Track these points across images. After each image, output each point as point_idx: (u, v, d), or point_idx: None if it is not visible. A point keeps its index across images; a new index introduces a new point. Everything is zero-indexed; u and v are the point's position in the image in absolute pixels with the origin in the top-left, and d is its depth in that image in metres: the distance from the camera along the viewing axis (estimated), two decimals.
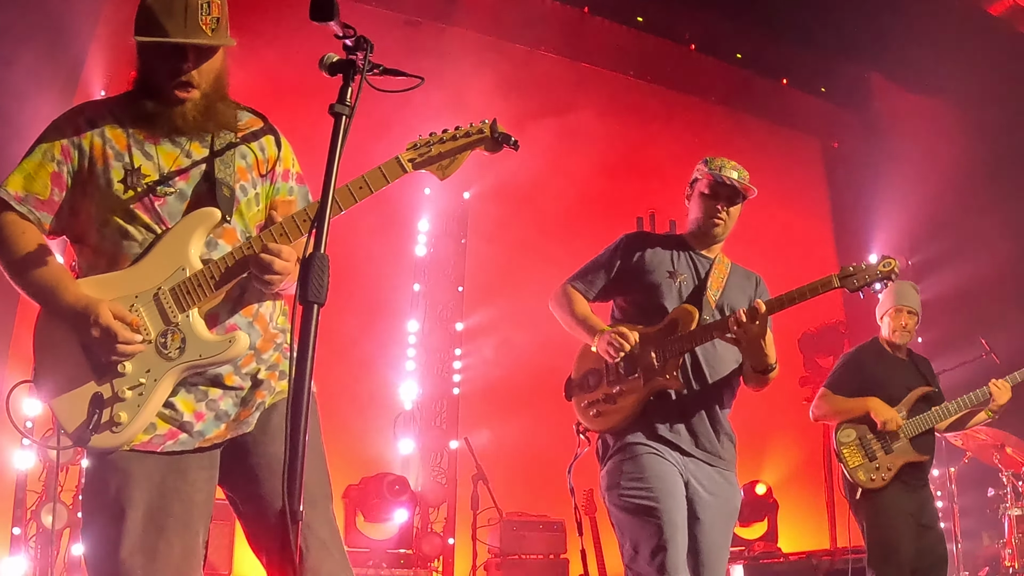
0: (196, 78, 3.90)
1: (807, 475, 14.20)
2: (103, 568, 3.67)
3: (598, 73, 15.25)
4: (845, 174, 18.16)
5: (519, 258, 12.85)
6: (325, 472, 4.10)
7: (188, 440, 3.81)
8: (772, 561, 10.04)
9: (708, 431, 5.57)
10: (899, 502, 7.65)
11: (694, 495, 5.42)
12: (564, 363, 6.07)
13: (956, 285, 14.43)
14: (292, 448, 3.05)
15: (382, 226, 12.05)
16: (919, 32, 14.09)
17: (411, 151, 3.99)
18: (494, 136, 4.01)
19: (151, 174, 3.86)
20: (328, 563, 3.90)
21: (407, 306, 12.73)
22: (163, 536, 3.69)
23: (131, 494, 3.68)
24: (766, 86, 16.76)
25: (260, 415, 3.98)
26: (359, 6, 12.11)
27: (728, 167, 5.72)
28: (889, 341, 8.26)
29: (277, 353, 4.10)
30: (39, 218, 3.82)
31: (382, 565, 8.91)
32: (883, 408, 7.72)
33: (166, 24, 3.76)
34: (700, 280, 5.77)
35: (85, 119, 3.92)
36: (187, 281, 3.77)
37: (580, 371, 5.83)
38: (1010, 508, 10.98)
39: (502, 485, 10.11)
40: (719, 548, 5.48)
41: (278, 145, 4.26)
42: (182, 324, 3.77)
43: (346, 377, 11.45)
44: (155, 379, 3.73)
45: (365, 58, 3.44)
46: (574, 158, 13.45)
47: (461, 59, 12.48)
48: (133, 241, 3.82)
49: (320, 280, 3.16)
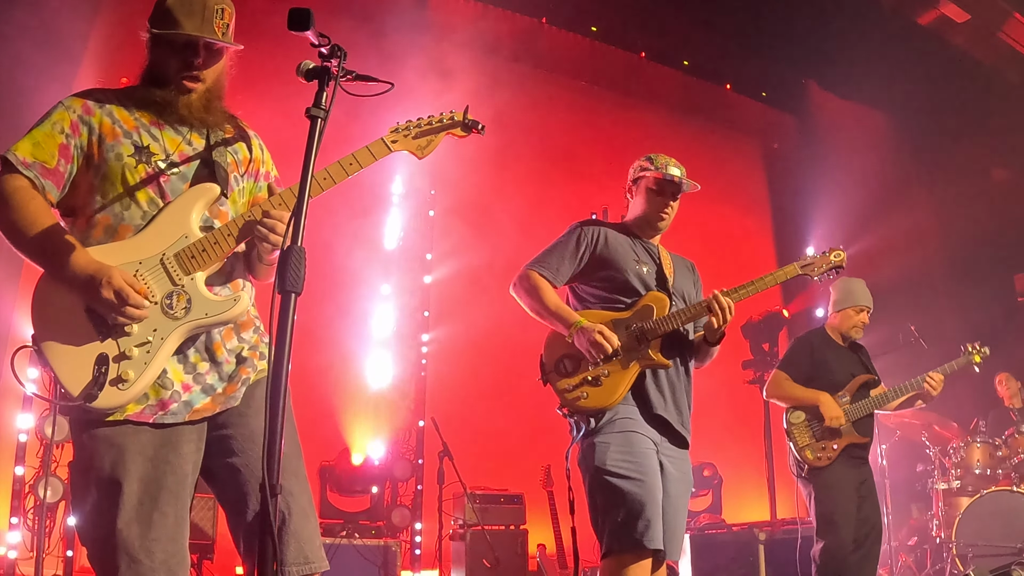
0: (203, 73, 3.99)
1: (749, 452, 14.27)
2: (100, 539, 3.67)
3: (554, 79, 15.29)
4: (784, 173, 18.35)
5: (482, 255, 12.89)
6: (300, 446, 4.11)
7: (179, 411, 3.81)
8: (717, 532, 10.08)
9: (685, 408, 5.62)
10: (843, 478, 7.75)
11: (664, 471, 5.42)
12: (521, 351, 6.08)
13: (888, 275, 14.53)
14: (271, 427, 3.07)
15: (353, 215, 12.11)
16: (852, 42, 14.20)
17: (393, 133, 4.15)
18: (465, 122, 4.24)
19: (158, 153, 3.90)
20: (307, 528, 3.93)
21: (377, 298, 12.73)
22: (157, 507, 3.71)
23: (126, 467, 3.69)
24: (711, 91, 16.94)
25: (245, 391, 4.01)
26: (332, 18, 12.11)
27: (671, 164, 5.74)
28: (843, 333, 8.34)
29: (256, 335, 4.15)
30: (43, 185, 3.78)
31: (355, 535, 8.92)
32: (831, 406, 7.81)
33: (184, 21, 3.86)
34: (657, 268, 5.78)
35: (94, 99, 3.95)
36: (191, 247, 3.81)
37: (553, 356, 5.69)
38: (937, 482, 11.10)
39: (466, 461, 10.13)
40: (681, 519, 5.53)
41: (260, 149, 4.33)
42: (188, 286, 3.80)
43: (321, 361, 11.48)
44: (162, 337, 3.75)
45: (339, 65, 3.49)
46: (531, 156, 13.60)
47: (427, 65, 12.51)
48: (136, 213, 3.84)
49: (297, 271, 3.19)
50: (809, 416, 7.91)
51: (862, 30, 14.06)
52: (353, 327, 12.38)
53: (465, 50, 13.42)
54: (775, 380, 8.23)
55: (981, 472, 10.56)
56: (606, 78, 15.98)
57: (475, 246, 13.19)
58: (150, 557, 3.65)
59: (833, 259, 5.59)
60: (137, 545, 3.63)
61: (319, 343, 11.37)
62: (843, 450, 7.77)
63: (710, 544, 9.71)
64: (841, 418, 7.76)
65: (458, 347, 13.00)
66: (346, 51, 3.50)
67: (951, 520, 10.22)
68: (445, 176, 13.01)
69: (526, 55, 14.93)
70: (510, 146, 12.84)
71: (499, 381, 12.10)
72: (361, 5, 13.02)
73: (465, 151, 12.43)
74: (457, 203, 13.32)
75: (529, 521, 10.05)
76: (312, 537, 3.96)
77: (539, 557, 9.99)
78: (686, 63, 16.39)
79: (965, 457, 10.72)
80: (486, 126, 4.26)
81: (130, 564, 3.62)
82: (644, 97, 16.09)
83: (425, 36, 13.51)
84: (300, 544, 3.87)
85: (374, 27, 12.68)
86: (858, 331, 8.33)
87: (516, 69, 14.64)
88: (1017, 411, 12.19)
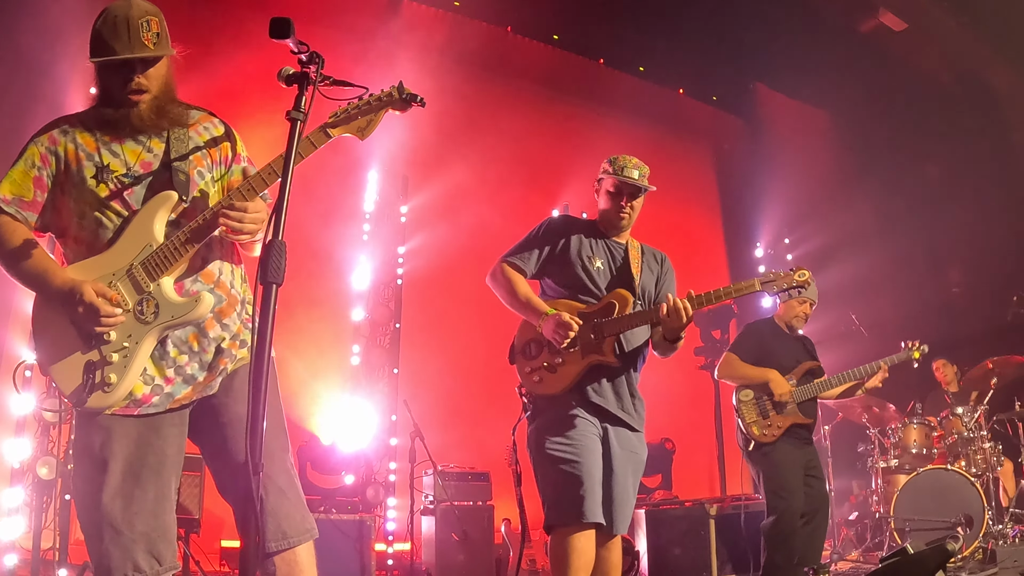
0: (145, 83, 4.02)
1: (701, 433, 14.36)
2: (89, 511, 3.81)
3: (519, 84, 15.32)
4: (733, 172, 18.45)
5: (454, 252, 12.94)
6: (283, 428, 4.20)
7: (160, 402, 3.93)
8: (670, 507, 10.10)
9: (627, 395, 5.64)
10: (790, 456, 7.83)
11: (609, 450, 5.49)
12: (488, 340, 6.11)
13: (830, 266, 14.64)
14: (253, 412, 3.13)
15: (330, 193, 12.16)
16: (798, 49, 14.32)
17: (332, 118, 4.08)
18: (402, 96, 4.11)
19: (119, 169, 3.98)
20: (284, 505, 4.03)
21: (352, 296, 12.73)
22: (139, 484, 3.84)
23: (112, 449, 3.83)
24: (665, 96, 16.99)
25: (223, 380, 4.10)
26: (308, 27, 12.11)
27: (630, 166, 5.75)
28: (787, 323, 8.42)
29: (239, 323, 4.19)
30: (25, 217, 3.95)
31: (332, 510, 8.94)
32: (780, 382, 7.90)
33: (114, 44, 3.90)
34: (619, 265, 5.82)
35: (59, 130, 4.04)
36: (154, 254, 3.89)
37: (522, 340, 5.81)
38: (876, 461, 11.17)
39: (436, 441, 10.16)
40: (628, 496, 5.56)
41: (228, 135, 4.35)
42: (154, 291, 3.89)
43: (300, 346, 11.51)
44: (136, 342, 3.86)
45: (317, 71, 3.52)
46: (500, 156, 13.63)
47: (400, 72, 12.52)
48: (107, 228, 3.94)
49: (278, 263, 3.24)
50: (757, 394, 7.99)
51: (807, 38, 14.16)
52: (328, 324, 12.40)
53: (435, 57, 13.46)
54: (726, 361, 8.29)
55: (917, 451, 10.64)
56: (567, 83, 16.08)
57: (445, 239, 13.25)
58: (131, 529, 3.78)
59: (797, 278, 5.49)
60: (120, 518, 3.78)
61: (298, 331, 11.39)
62: (788, 429, 7.85)
63: (664, 519, 9.74)
64: (789, 393, 7.83)
65: (431, 337, 13.08)
66: (324, 58, 3.53)
67: (890, 496, 10.29)
68: (416, 172, 13.08)
69: (493, 62, 15.00)
70: (477, 146, 12.95)
71: (467, 367, 12.14)
72: (337, 14, 13.04)
73: (437, 151, 12.45)
74: (428, 198, 13.34)
75: (495, 497, 10.08)
76: (290, 514, 4.06)
77: (504, 530, 10.03)
78: (641, 69, 16.49)
79: (903, 437, 10.80)
80: (453, 125, 4.27)
81: (113, 535, 3.76)
82: (602, 101, 16.14)
83: (397, 44, 13.55)
84: (278, 521, 4.00)
85: (348, 35, 12.72)
86: (800, 321, 8.43)
87: (483, 75, 14.76)
88: (952, 395, 12.30)
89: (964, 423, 10.46)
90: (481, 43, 14.75)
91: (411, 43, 13.70)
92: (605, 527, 5.39)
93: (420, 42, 13.76)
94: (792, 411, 7.89)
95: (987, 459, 10.23)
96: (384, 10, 14.04)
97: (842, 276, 14.49)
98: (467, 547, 9.07)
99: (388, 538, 10.81)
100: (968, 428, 10.40)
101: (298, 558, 4.05)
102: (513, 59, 15.32)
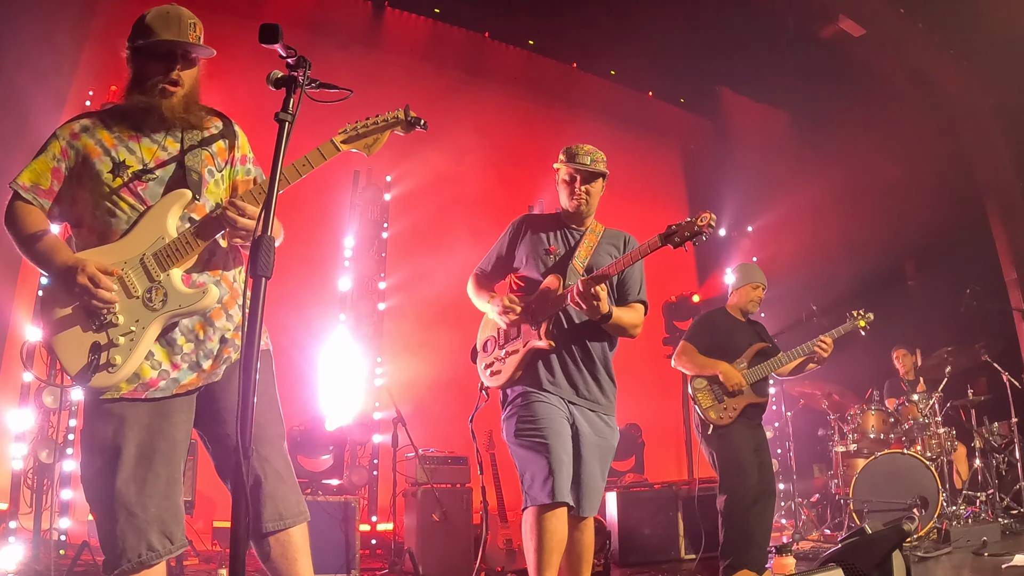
0: (181, 79, 4.10)
1: (669, 418, 14.43)
2: (102, 496, 3.83)
3: (496, 88, 15.34)
4: (699, 171, 18.54)
5: (435, 248, 12.97)
6: (279, 415, 4.25)
7: (166, 387, 3.96)
8: (640, 489, 10.13)
9: (587, 381, 5.64)
10: (743, 437, 7.82)
11: (578, 435, 5.49)
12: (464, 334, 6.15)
13: (791, 260, 14.74)
14: (244, 398, 3.12)
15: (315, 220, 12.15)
16: (762, 52, 14.36)
17: (342, 134, 4.19)
18: (407, 119, 4.26)
19: (134, 165, 4.03)
20: (282, 489, 4.09)
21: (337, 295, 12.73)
22: (151, 468, 3.87)
23: (126, 435, 3.86)
24: (634, 98, 17.10)
25: (226, 368, 4.15)
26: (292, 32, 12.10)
27: (582, 153, 5.76)
28: (741, 309, 8.48)
29: (241, 315, 4.21)
30: (42, 204, 4.02)
31: (318, 492, 8.94)
32: (732, 373, 7.90)
33: (163, 34, 4.02)
34: (570, 250, 5.82)
35: (80, 125, 4.10)
36: (166, 247, 3.95)
37: (481, 339, 5.94)
38: (836, 446, 11.22)
39: (417, 427, 10.17)
40: (595, 480, 5.55)
41: (235, 136, 4.40)
42: (164, 281, 3.94)
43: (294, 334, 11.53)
44: (143, 327, 3.90)
45: (304, 74, 3.55)
46: (478, 157, 13.70)
47: (383, 75, 12.55)
48: (120, 219, 3.99)
49: (268, 257, 3.26)
50: (710, 381, 8.01)
51: (770, 44, 14.23)
52: (315, 320, 12.41)
53: (417, 61, 13.48)
54: (681, 350, 8.32)
55: (875, 436, 10.67)
56: (542, 86, 16.14)
57: (426, 233, 13.35)
58: (145, 511, 3.80)
59: (699, 223, 5.29)
60: (134, 501, 3.79)
61: (288, 318, 11.42)
62: (742, 410, 7.87)
63: (635, 500, 9.81)
64: (742, 383, 7.86)
65: (412, 332, 13.15)
66: (310, 62, 3.55)
67: (849, 479, 10.32)
68: (398, 175, 13.10)
69: (472, 65, 15.10)
70: (457, 146, 13.00)
71: (445, 359, 12.15)
72: (321, 20, 13.08)
73: (418, 152, 12.43)
74: (409, 194, 13.37)
75: (473, 480, 10.11)
76: (287, 496, 4.12)
77: (482, 512, 10.08)
78: (613, 72, 16.58)
79: (861, 423, 10.83)
80: (435, 127, 4.29)
81: (128, 517, 3.78)
82: (575, 103, 16.25)
83: (380, 49, 13.60)
84: (275, 503, 4.06)
85: (332, 40, 12.75)
86: (754, 305, 8.51)
87: (463, 78, 14.81)
88: (908, 383, 12.39)
89: (919, 409, 10.53)
90: (460, 48, 14.94)
91: (394, 48, 13.80)
92: (573, 509, 5.40)
93: (402, 47, 13.84)
94: (747, 393, 7.92)
95: (941, 444, 10.31)
96: (368, 17, 14.17)
97: (801, 269, 14.67)
98: (446, 527, 9.08)
99: (372, 519, 10.82)
100: (923, 414, 10.47)
101: (292, 538, 4.10)
102: (490, 63, 15.42)
